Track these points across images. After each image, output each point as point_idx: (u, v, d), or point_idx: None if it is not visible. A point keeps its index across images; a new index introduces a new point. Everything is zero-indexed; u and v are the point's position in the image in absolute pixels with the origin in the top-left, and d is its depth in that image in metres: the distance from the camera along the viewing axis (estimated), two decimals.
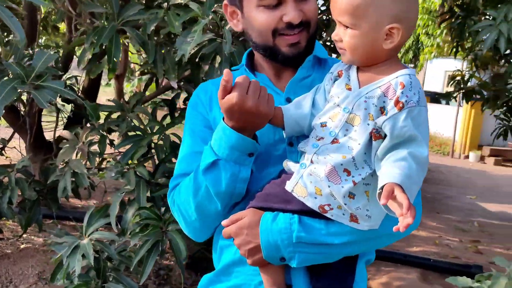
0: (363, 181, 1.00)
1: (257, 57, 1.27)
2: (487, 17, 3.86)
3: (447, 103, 13.08)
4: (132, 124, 2.46)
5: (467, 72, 5.06)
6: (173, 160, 2.39)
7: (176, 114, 2.60)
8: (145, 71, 3.30)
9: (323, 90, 1.13)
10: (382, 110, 0.99)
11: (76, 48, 3.41)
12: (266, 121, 1.09)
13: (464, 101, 5.19)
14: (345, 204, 1.00)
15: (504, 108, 4.71)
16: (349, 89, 1.05)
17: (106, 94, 8.14)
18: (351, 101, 1.02)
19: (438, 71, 14.50)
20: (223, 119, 1.10)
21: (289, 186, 1.05)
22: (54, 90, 1.91)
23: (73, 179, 2.52)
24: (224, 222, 1.11)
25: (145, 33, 2.23)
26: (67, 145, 2.53)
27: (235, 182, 1.10)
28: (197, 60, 2.32)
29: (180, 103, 2.83)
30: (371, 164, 1.00)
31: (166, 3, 2.28)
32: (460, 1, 4.29)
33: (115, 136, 2.71)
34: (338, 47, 1.06)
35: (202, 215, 1.16)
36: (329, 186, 0.99)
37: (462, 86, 4.91)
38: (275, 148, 1.17)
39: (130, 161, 2.33)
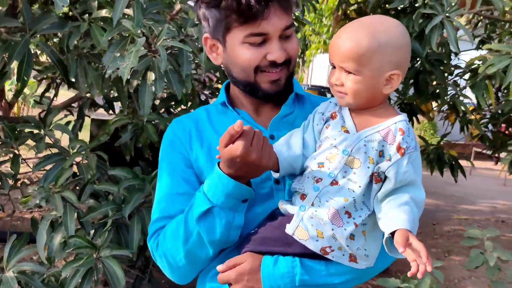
0: (362, 222, 1.03)
1: (236, 92, 1.25)
2: None
3: (332, 96, 13.76)
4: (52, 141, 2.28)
5: None
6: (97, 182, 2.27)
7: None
8: (47, 76, 3.06)
9: (312, 130, 1.13)
10: (380, 154, 1.02)
11: None
12: (264, 171, 1.08)
13: None
14: (347, 246, 1.02)
15: None
16: (347, 131, 1.07)
17: None
18: (350, 144, 1.04)
19: (323, 66, 15.23)
20: (219, 164, 1.07)
21: (289, 229, 1.04)
22: None
23: None
24: (220, 268, 1.09)
25: (63, 46, 2.08)
26: None
27: (229, 229, 1.08)
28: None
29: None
30: (369, 205, 1.04)
31: (87, 15, 2.15)
32: (355, 6, 4.54)
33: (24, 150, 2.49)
34: (336, 91, 1.07)
35: (191, 261, 1.13)
36: (332, 229, 1.01)
37: None
38: (262, 186, 1.16)
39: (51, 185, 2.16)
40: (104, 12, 2.10)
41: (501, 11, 3.03)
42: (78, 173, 2.28)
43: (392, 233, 0.96)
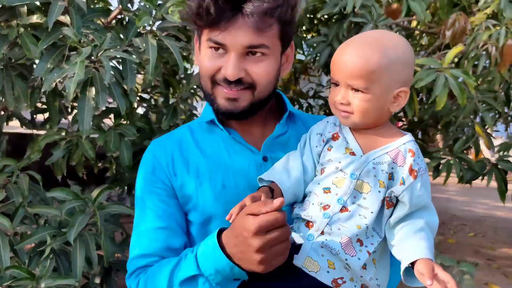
0: (374, 250, 0.97)
1: None
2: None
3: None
4: None
5: None
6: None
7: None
8: None
9: (310, 152, 1.07)
10: (390, 177, 0.98)
11: None
12: (259, 271, 0.93)
13: None
14: (361, 276, 0.96)
15: None
16: (352, 153, 1.01)
17: None
18: (358, 167, 0.99)
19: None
20: (220, 232, 0.96)
21: (298, 261, 0.96)
22: None
23: None
24: None
25: None
26: None
27: None
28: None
29: None
30: (380, 232, 0.99)
31: (15, 21, 1.95)
32: None
33: None
34: (341, 110, 1.01)
35: None
36: (346, 259, 0.94)
37: None
38: None
39: None
40: (35, 18, 1.92)
41: (422, 22, 3.20)
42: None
43: (412, 262, 0.91)
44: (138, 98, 2.56)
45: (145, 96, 2.70)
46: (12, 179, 2.04)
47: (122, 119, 2.25)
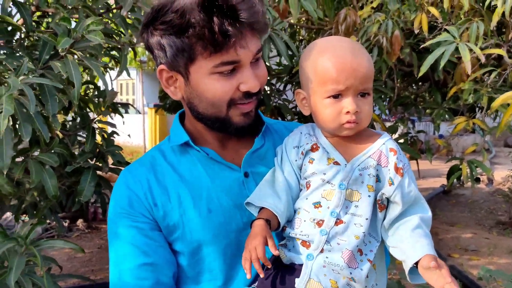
0: (374, 256, 0.97)
1: (197, 128, 1.11)
2: None
3: (126, 112, 13.49)
4: None
5: None
6: None
7: None
8: None
9: (291, 167, 1.04)
10: (376, 179, 0.98)
11: None
12: None
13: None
14: (365, 286, 0.96)
15: None
16: (336, 163, 1.00)
17: None
18: (345, 176, 0.98)
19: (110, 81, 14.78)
20: None
21: (300, 284, 0.94)
22: None
23: None
24: None
25: None
26: None
27: None
28: None
29: None
30: (376, 236, 0.99)
31: None
32: None
33: None
34: (348, 121, 0.98)
35: None
36: (350, 273, 0.93)
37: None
38: (246, 233, 1.00)
39: None
40: None
41: (316, 19, 3.34)
42: None
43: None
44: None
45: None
46: None
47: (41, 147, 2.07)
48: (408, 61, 3.57)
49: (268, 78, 3.90)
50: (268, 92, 3.89)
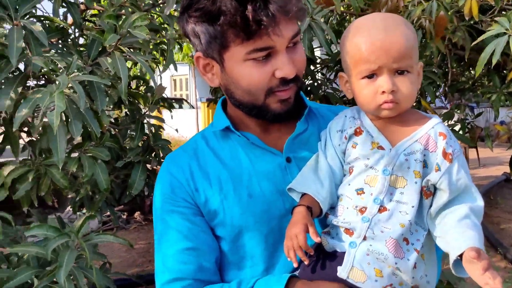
0: (422, 245, 0.93)
1: (237, 114, 1.11)
2: None
3: (180, 107, 13.75)
4: None
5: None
6: None
7: None
8: None
9: (335, 152, 1.02)
10: (424, 165, 0.93)
11: None
12: None
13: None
14: (413, 277, 0.92)
15: None
16: (380, 147, 0.96)
17: None
18: (389, 161, 0.94)
19: (165, 78, 15.08)
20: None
21: (342, 272, 0.91)
22: None
23: None
24: None
25: None
26: None
27: None
28: None
29: None
30: (423, 225, 0.95)
31: None
32: None
33: None
34: (388, 101, 0.94)
35: None
36: (396, 263, 0.90)
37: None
38: (288, 219, 0.98)
39: None
40: None
41: (357, 8, 3.24)
42: None
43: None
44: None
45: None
46: None
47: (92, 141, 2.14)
48: (462, 45, 3.41)
49: (318, 68, 3.85)
50: (319, 82, 3.84)
